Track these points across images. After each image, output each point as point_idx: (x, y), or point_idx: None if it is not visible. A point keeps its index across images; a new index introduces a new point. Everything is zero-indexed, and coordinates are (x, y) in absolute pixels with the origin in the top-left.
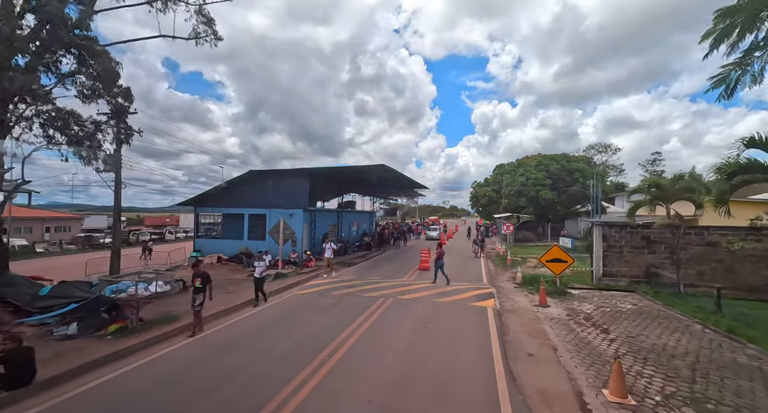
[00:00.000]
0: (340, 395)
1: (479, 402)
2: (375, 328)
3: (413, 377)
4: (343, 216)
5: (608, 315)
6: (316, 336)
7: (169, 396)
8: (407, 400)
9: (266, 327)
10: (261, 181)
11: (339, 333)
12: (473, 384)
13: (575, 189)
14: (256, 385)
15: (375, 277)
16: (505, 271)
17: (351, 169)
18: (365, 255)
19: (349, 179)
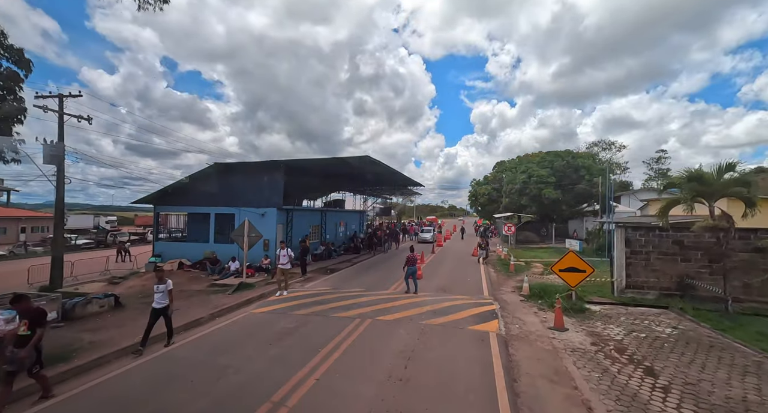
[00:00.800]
0: None
1: None
2: (336, 371)
3: None
4: (328, 216)
5: (646, 343)
6: (248, 387)
7: None
8: None
9: (175, 375)
10: (229, 176)
11: (283, 381)
12: None
13: (581, 187)
14: None
15: (356, 288)
16: (508, 279)
17: (332, 161)
18: (352, 260)
19: (333, 175)
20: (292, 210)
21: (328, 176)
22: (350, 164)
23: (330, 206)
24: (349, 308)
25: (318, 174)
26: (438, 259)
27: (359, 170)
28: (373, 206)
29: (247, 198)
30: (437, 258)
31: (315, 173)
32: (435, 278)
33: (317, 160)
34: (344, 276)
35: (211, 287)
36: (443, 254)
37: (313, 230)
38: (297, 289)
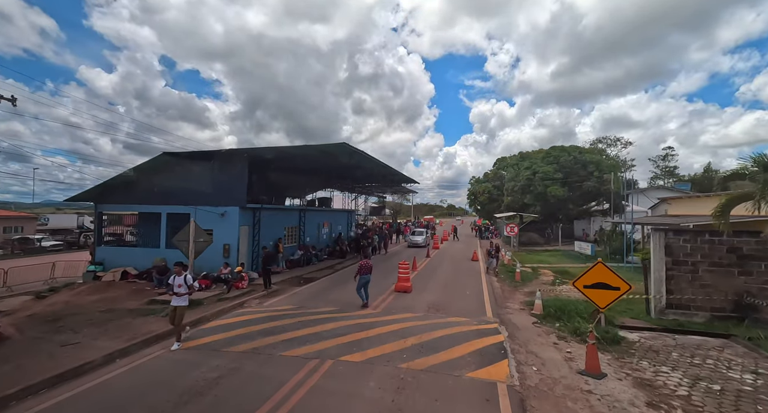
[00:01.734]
0: None
1: None
2: None
3: None
4: (308, 216)
5: (727, 403)
6: None
7: None
8: None
9: None
10: (183, 168)
11: None
12: None
13: (590, 184)
14: None
15: (327, 306)
16: (514, 291)
17: (303, 149)
18: (335, 266)
19: (314, 169)
20: (260, 209)
21: (310, 171)
22: (325, 152)
23: (312, 205)
24: (307, 341)
25: (297, 169)
26: (432, 265)
27: (341, 162)
28: (365, 205)
29: (204, 195)
30: (432, 264)
31: (293, 168)
32: (427, 291)
33: (286, 148)
34: (319, 289)
35: (148, 304)
36: (439, 258)
37: (289, 232)
38: (252, 309)
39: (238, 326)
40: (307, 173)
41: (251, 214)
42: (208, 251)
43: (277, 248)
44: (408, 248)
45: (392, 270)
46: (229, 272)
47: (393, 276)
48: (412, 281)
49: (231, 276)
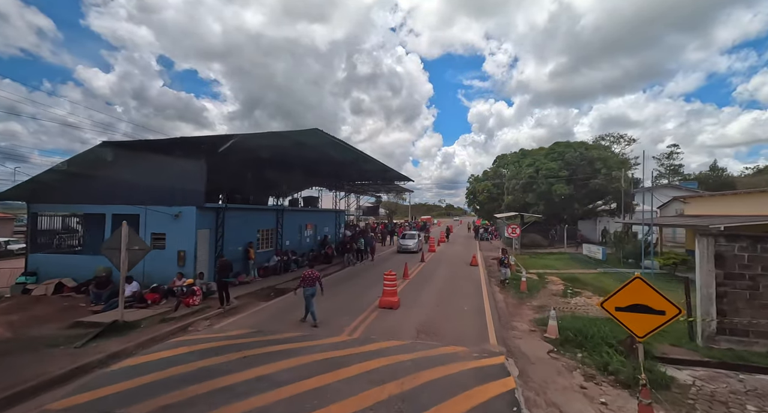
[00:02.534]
0: None
1: None
2: None
3: None
4: (287, 217)
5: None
6: None
7: None
8: None
9: None
10: (130, 161)
11: None
12: None
13: (597, 182)
14: None
15: (293, 329)
16: (521, 304)
17: (270, 137)
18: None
19: (292, 163)
20: (224, 209)
21: (293, 167)
22: (296, 140)
23: (295, 205)
24: (248, 391)
25: (278, 164)
26: (427, 272)
27: (324, 156)
28: (357, 205)
29: (156, 193)
30: (426, 271)
31: (273, 163)
32: (418, 306)
33: (250, 135)
34: (289, 303)
35: (70, 328)
36: (435, 263)
37: (264, 235)
38: (196, 335)
39: (162, 364)
40: (290, 169)
41: (213, 215)
42: (162, 260)
43: (248, 254)
44: (395, 256)
45: (378, 281)
46: (183, 284)
47: (378, 288)
48: (401, 292)
49: (185, 290)
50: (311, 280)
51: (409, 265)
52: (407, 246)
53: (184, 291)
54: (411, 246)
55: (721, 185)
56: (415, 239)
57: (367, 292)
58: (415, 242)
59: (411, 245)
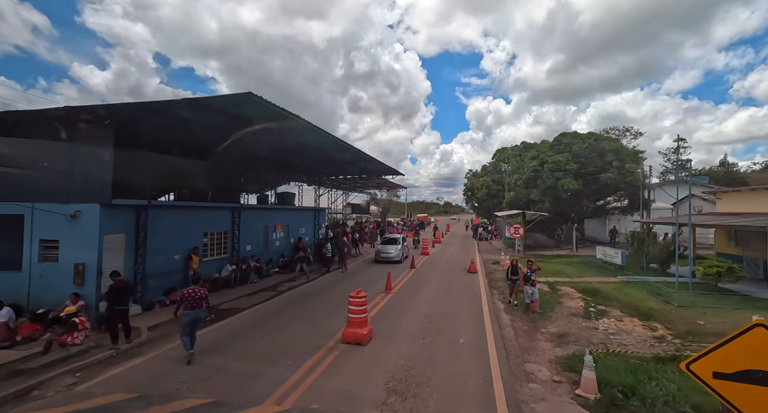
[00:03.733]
0: None
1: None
2: None
3: None
4: (246, 216)
5: None
6: None
7: None
8: None
9: None
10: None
11: None
12: None
13: (609, 176)
14: None
15: (195, 391)
16: (534, 331)
17: (193, 104)
18: (278, 286)
19: (238, 149)
20: (145, 208)
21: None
22: (227, 110)
23: (264, 201)
24: None
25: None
26: (415, 283)
27: (287, 138)
28: (345, 203)
29: (46, 186)
30: (414, 281)
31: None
32: (396, 339)
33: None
34: (225, 336)
35: None
36: (427, 270)
37: (215, 239)
38: (46, 397)
39: None
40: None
41: (131, 215)
42: (54, 276)
43: (188, 265)
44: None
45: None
46: (83, 307)
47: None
48: (380, 315)
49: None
50: (194, 301)
51: (395, 274)
52: (387, 254)
53: (66, 322)
54: (392, 255)
55: (731, 181)
56: (397, 244)
57: (331, 318)
58: (397, 250)
59: (392, 253)
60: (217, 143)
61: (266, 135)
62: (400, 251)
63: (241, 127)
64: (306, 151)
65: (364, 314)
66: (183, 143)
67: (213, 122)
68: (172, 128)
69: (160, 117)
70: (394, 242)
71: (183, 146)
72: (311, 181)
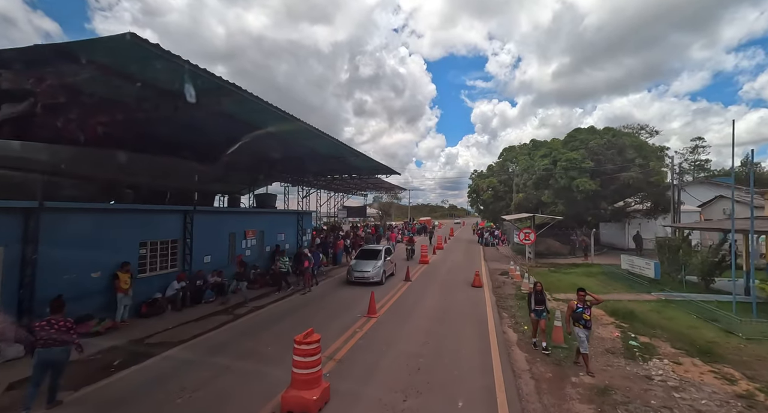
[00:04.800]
0: None
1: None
2: None
3: None
4: (202, 221)
5: None
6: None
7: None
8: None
9: None
10: None
11: None
12: None
13: (630, 176)
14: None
15: None
16: (562, 380)
17: (51, 50)
18: (242, 305)
19: (188, 142)
20: (35, 211)
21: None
22: (99, 55)
23: (234, 204)
24: None
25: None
26: (407, 303)
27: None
28: (341, 205)
29: None
30: (406, 301)
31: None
32: (365, 401)
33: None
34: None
35: None
36: (423, 284)
37: (157, 250)
38: None
39: None
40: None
41: (15, 220)
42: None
43: (115, 285)
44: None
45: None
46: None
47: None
48: (350, 355)
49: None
50: (51, 341)
51: (383, 290)
52: (362, 274)
53: None
54: (368, 274)
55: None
56: (377, 260)
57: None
58: (377, 267)
59: (369, 272)
60: (167, 133)
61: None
62: (380, 268)
63: (189, 109)
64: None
65: (316, 367)
66: (115, 129)
67: (148, 98)
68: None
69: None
70: (373, 255)
71: (117, 133)
72: (296, 181)
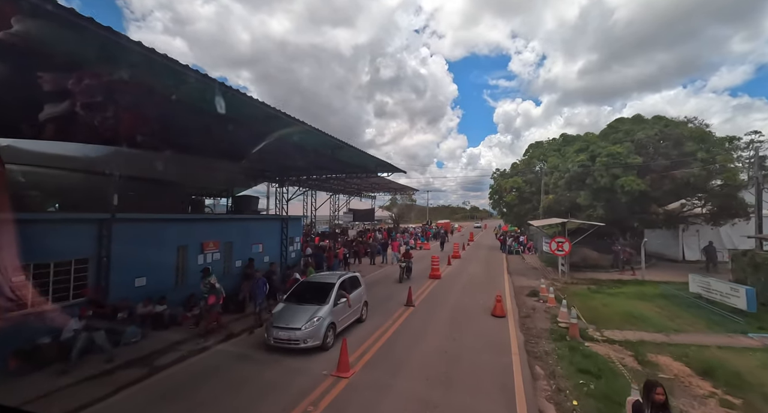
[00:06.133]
0: None
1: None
2: None
3: None
4: (124, 233)
5: None
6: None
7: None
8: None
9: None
10: None
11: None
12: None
13: (691, 172)
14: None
15: None
16: None
17: None
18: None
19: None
20: None
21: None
22: None
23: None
24: None
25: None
26: (401, 345)
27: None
28: (337, 208)
29: None
30: (400, 342)
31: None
32: None
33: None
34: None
35: None
36: (429, 310)
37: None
38: None
39: None
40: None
41: None
42: None
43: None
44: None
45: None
46: None
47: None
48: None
49: None
50: None
51: (373, 321)
52: (288, 333)
53: None
54: (298, 335)
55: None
56: (322, 306)
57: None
58: (315, 321)
59: (299, 330)
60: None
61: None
62: (321, 322)
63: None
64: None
65: None
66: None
67: None
68: None
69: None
70: (314, 297)
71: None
72: (283, 181)
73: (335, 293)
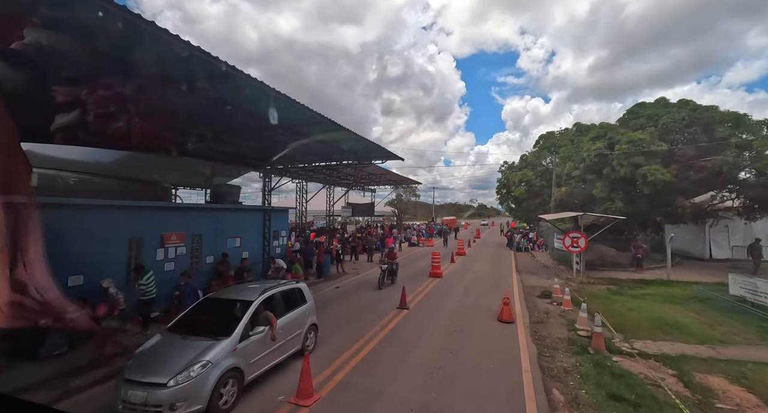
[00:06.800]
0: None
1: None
2: None
3: None
4: (47, 222)
5: None
6: None
7: None
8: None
9: None
10: None
11: None
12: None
13: (723, 160)
14: None
15: None
16: None
17: None
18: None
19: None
20: None
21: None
22: None
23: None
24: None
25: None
26: (389, 355)
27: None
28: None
29: None
30: (386, 352)
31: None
32: None
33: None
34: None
35: None
36: (426, 312)
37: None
38: None
39: None
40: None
41: None
42: None
43: None
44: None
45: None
46: None
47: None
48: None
49: None
50: None
51: (347, 338)
52: (140, 393)
53: None
54: (156, 398)
55: None
56: (219, 341)
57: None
58: (191, 375)
59: (158, 391)
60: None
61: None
62: (211, 369)
63: None
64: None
65: None
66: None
67: None
68: None
69: None
70: (214, 325)
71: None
72: (267, 170)
73: (249, 317)
